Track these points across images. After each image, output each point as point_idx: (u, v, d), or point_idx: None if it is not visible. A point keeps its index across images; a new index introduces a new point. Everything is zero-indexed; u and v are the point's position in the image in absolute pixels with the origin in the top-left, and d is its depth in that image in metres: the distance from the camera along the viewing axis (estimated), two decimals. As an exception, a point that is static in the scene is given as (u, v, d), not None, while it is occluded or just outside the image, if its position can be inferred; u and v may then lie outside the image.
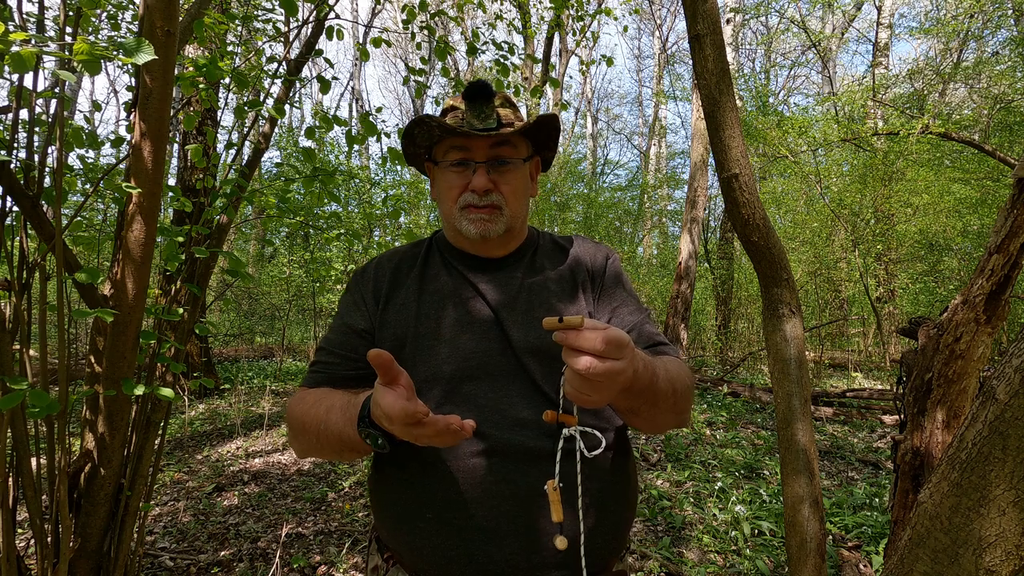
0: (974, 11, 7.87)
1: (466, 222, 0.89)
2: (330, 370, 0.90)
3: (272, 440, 4.44)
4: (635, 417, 0.80)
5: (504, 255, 0.96)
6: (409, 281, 0.94)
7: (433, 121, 0.85)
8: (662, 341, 0.91)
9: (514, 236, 0.96)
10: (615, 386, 0.61)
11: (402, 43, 19.99)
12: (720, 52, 1.47)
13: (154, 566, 2.44)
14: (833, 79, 16.71)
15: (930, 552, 0.74)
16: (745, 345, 10.02)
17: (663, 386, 0.75)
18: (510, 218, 0.91)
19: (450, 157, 0.89)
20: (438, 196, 0.95)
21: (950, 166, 7.79)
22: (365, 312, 0.92)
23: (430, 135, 0.90)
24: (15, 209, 1.39)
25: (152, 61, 1.10)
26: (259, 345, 9.83)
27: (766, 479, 3.68)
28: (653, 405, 0.76)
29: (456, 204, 0.89)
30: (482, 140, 0.87)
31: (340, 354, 0.91)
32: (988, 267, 1.33)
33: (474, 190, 0.88)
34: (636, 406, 0.75)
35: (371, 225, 8.16)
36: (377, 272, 0.96)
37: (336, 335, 0.93)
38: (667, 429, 0.86)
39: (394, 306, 0.91)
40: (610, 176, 21.20)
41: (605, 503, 0.82)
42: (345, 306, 0.96)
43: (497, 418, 0.80)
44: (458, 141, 0.88)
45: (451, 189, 0.90)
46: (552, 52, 10.96)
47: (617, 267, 0.99)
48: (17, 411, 1.31)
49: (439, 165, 0.92)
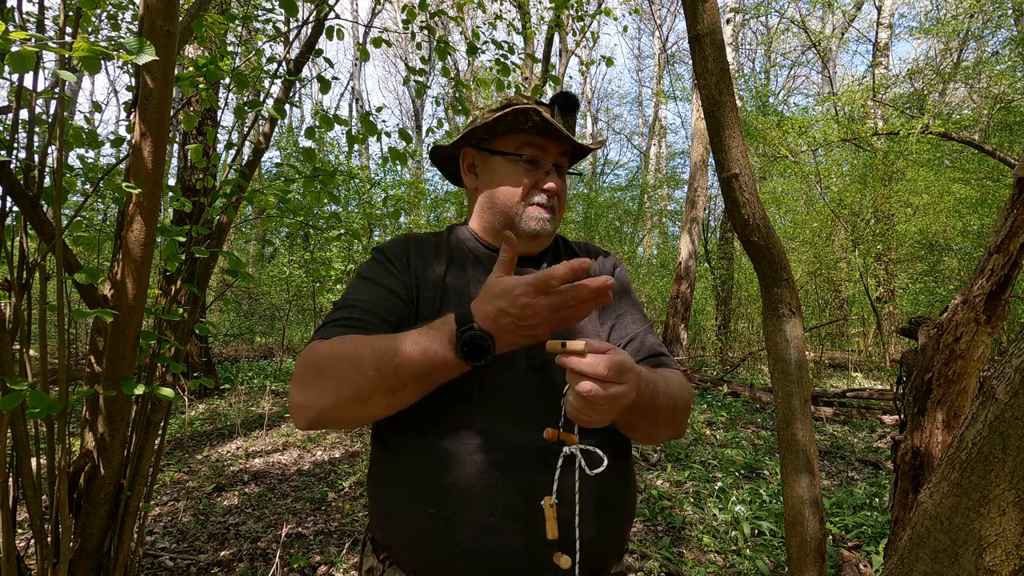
0: (974, 11, 7.87)
1: (528, 217, 0.91)
2: (367, 327, 0.80)
3: (272, 440, 4.44)
4: (632, 431, 0.82)
5: (536, 253, 0.98)
6: (439, 259, 0.94)
7: (536, 115, 0.87)
8: (662, 352, 0.92)
9: (550, 237, 0.99)
10: (617, 409, 0.63)
11: (402, 43, 19.99)
12: (720, 52, 1.47)
13: (154, 566, 2.44)
14: (833, 79, 16.71)
15: (930, 552, 0.74)
16: (745, 345, 10.03)
17: (663, 402, 0.76)
18: (559, 222, 0.96)
19: (525, 151, 0.91)
20: (493, 185, 0.94)
21: (950, 166, 7.79)
22: (398, 278, 0.89)
23: (517, 124, 0.90)
24: (15, 209, 1.39)
25: (152, 61, 1.10)
26: (259, 345, 9.84)
27: (766, 479, 3.68)
28: (652, 422, 0.78)
29: (523, 199, 0.92)
30: (559, 145, 0.92)
31: (378, 314, 0.82)
32: (988, 267, 1.33)
33: (547, 190, 0.91)
34: (634, 421, 0.77)
35: (371, 225, 8.17)
36: (406, 246, 0.94)
37: (369, 295, 0.85)
38: (662, 440, 0.88)
39: (423, 279, 0.90)
40: (610, 176, 21.20)
41: (604, 506, 0.82)
42: (374, 273, 0.90)
43: (507, 414, 0.80)
44: (539, 140, 0.91)
45: (519, 184, 0.92)
46: (552, 52, 10.96)
47: (624, 276, 1.01)
48: (17, 411, 1.31)
49: (507, 156, 0.92)
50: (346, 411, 0.74)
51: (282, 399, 5.97)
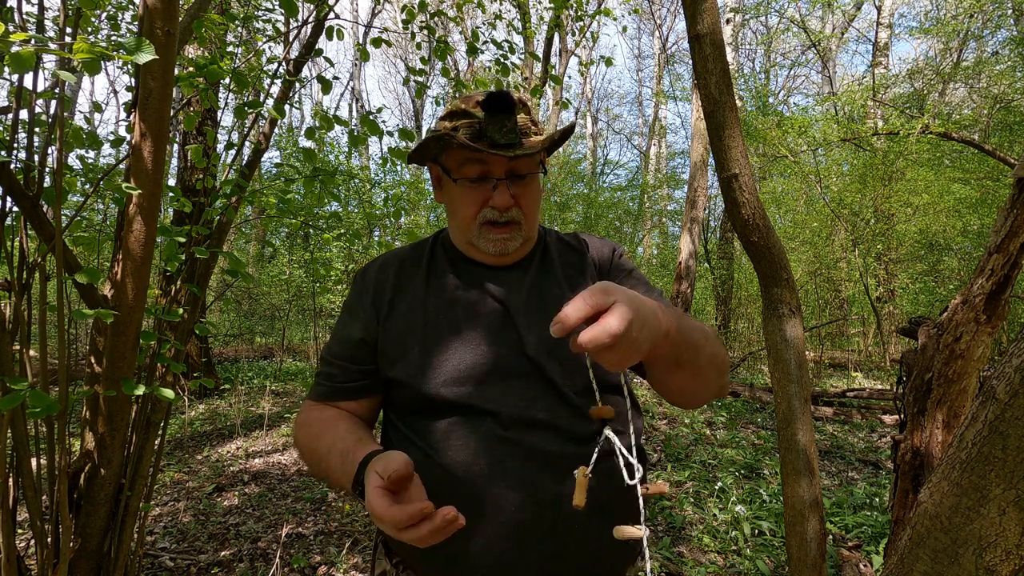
0: (974, 11, 7.87)
1: (484, 240, 0.87)
2: (332, 382, 0.90)
3: (272, 440, 4.44)
4: (679, 371, 0.72)
5: (515, 261, 0.94)
6: (414, 286, 0.91)
7: (454, 140, 0.81)
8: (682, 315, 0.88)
9: (527, 243, 0.94)
10: (630, 331, 0.54)
11: (402, 43, 19.98)
12: (720, 52, 1.47)
13: (154, 566, 2.44)
14: (833, 79, 16.71)
15: (930, 552, 0.74)
16: (745, 345, 10.02)
17: (690, 332, 0.69)
18: (527, 231, 0.89)
19: (467, 172, 0.85)
20: (451, 208, 0.91)
21: (950, 166, 7.79)
22: (363, 321, 0.90)
23: (445, 149, 0.86)
24: (15, 209, 1.39)
25: (152, 61, 1.10)
26: (259, 345, 9.83)
27: (766, 479, 3.68)
28: (693, 350, 0.70)
29: (475, 220, 0.86)
30: (502, 157, 0.83)
31: (340, 365, 0.90)
32: (988, 267, 1.33)
33: (495, 207, 0.85)
34: (678, 360, 0.69)
35: (371, 225, 8.16)
36: (378, 278, 0.93)
37: (337, 345, 0.92)
38: (710, 394, 0.80)
39: (399, 313, 0.88)
40: (610, 176, 21.20)
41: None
42: (345, 314, 0.94)
43: (512, 422, 0.79)
44: (479, 156, 0.84)
45: (469, 205, 0.86)
46: (552, 52, 10.96)
47: (624, 259, 0.98)
48: (17, 411, 1.31)
49: (455, 181, 0.87)
50: None
51: (282, 399, 5.97)
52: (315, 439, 0.84)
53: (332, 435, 0.82)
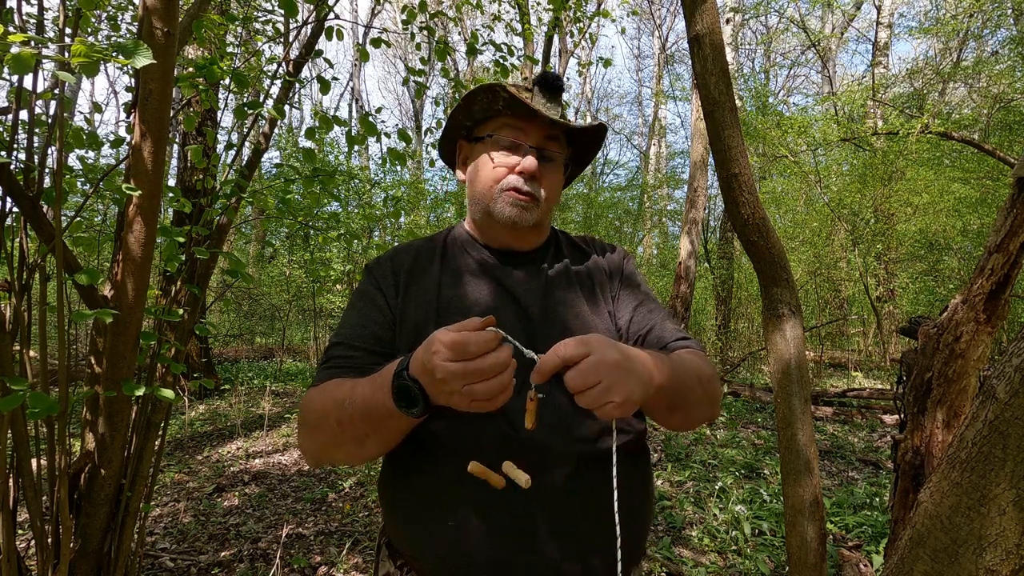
0: (974, 11, 7.87)
1: (503, 203, 0.86)
2: (352, 363, 0.83)
3: (272, 441, 4.44)
4: (672, 415, 0.79)
5: (528, 249, 0.95)
6: (431, 270, 0.91)
7: (504, 91, 0.82)
8: (683, 336, 0.90)
9: (540, 232, 0.96)
10: (612, 378, 0.60)
11: (402, 43, 19.99)
12: (720, 52, 1.47)
13: (154, 567, 2.44)
14: (833, 79, 16.70)
15: (930, 551, 0.74)
16: (745, 345, 10.02)
17: (684, 379, 0.75)
18: (542, 213, 0.90)
19: (503, 134, 0.87)
20: (474, 173, 0.91)
21: (950, 166, 7.79)
22: (384, 302, 0.89)
23: (490, 106, 0.87)
24: (15, 210, 1.39)
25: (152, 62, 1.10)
26: (259, 346, 9.84)
27: (766, 479, 3.68)
28: (686, 395, 0.76)
29: (498, 184, 0.87)
30: (540, 127, 0.86)
31: (361, 347, 0.85)
32: (988, 266, 1.33)
33: (523, 172, 0.85)
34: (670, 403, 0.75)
35: (371, 225, 8.16)
36: (395, 262, 0.93)
37: (354, 328, 0.87)
38: (701, 423, 0.84)
39: (415, 296, 0.88)
40: (610, 176, 21.20)
41: (627, 514, 0.80)
42: (361, 297, 0.91)
43: (518, 417, 0.78)
44: (517, 122, 0.86)
45: (496, 168, 0.87)
46: (551, 53, 10.97)
47: (632, 267, 1.00)
48: (17, 412, 1.31)
49: (485, 140, 0.88)
50: (333, 456, 0.78)
51: (282, 399, 5.97)
52: (336, 387, 0.76)
53: (353, 380, 0.76)
